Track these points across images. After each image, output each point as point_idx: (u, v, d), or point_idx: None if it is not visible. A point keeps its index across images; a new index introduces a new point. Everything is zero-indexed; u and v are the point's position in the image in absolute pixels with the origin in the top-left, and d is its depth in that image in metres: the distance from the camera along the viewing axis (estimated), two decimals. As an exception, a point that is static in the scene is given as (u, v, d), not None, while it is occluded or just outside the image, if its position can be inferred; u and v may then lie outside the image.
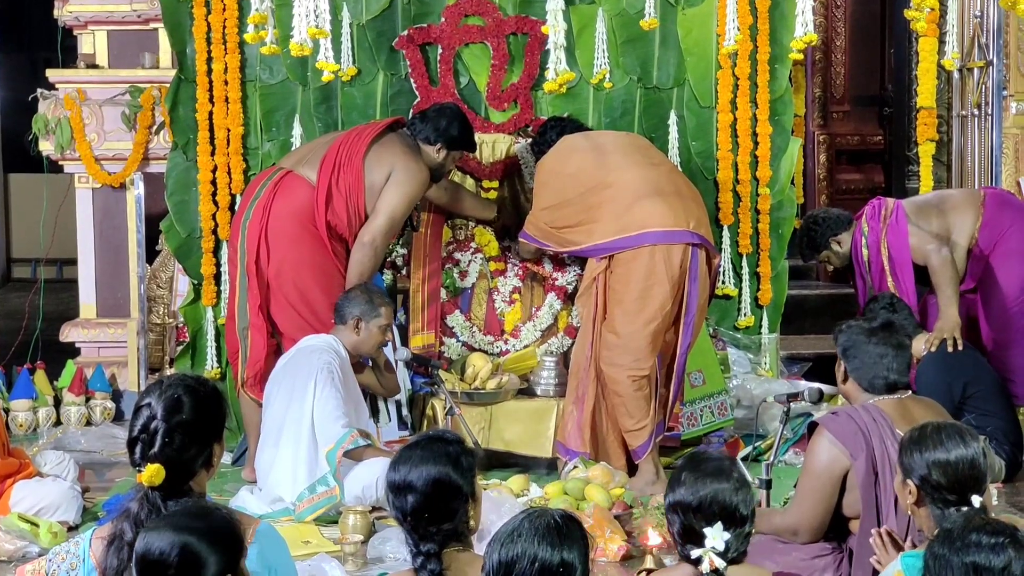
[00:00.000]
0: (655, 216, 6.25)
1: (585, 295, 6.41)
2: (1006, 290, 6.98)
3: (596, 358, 6.32)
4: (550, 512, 2.98)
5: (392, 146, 6.61)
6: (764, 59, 7.35)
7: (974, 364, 6.52)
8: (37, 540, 5.46)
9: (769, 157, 7.41)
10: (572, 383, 6.45)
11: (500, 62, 7.31)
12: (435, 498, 3.34)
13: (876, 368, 4.53)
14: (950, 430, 3.63)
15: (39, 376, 7.84)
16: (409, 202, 6.59)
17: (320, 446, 5.93)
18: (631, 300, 6.22)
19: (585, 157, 6.49)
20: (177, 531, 2.94)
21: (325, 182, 6.51)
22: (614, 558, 5.35)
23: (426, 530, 3.31)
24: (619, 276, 6.27)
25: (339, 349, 6.16)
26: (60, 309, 9.41)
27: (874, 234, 6.97)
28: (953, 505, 3.52)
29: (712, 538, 3.19)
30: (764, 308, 7.54)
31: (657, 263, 6.20)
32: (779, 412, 5.38)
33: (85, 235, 8.17)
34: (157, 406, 3.41)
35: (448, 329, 6.94)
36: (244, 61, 7.30)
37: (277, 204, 6.52)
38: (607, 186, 6.35)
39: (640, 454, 6.31)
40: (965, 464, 3.55)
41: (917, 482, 3.59)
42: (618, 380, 6.26)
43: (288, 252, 6.51)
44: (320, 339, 6.21)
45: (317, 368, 5.97)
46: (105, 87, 8.04)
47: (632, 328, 6.22)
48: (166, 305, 8.21)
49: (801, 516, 4.44)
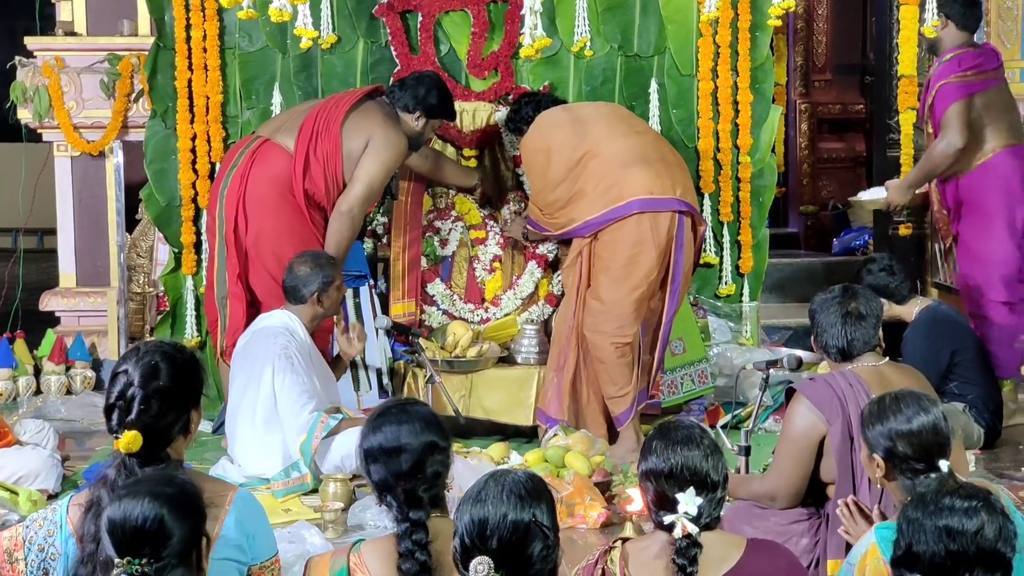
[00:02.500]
0: (642, 184, 6.24)
1: (571, 266, 6.41)
2: (984, 259, 7.02)
3: (579, 326, 6.33)
4: (512, 471, 3.00)
5: (370, 114, 6.59)
6: (745, 27, 7.34)
7: (961, 332, 6.55)
8: (16, 508, 5.46)
9: (750, 125, 7.41)
10: (554, 350, 6.47)
11: (480, 30, 7.28)
12: (426, 459, 3.34)
13: (827, 336, 4.53)
14: (908, 398, 3.62)
15: (19, 345, 7.82)
16: (387, 171, 6.57)
17: (292, 435, 5.89)
18: (617, 267, 6.23)
19: (567, 131, 6.46)
20: (144, 498, 2.93)
21: (303, 150, 6.49)
22: (594, 525, 5.37)
23: (417, 495, 3.30)
24: (605, 243, 6.28)
25: (296, 328, 6.08)
26: (40, 279, 9.40)
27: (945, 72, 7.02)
28: (922, 473, 3.52)
29: (685, 503, 3.20)
30: (745, 276, 7.54)
31: (644, 231, 6.21)
32: (759, 380, 5.39)
33: (64, 204, 8.15)
34: (134, 373, 3.40)
35: (428, 297, 6.94)
36: (223, 28, 7.26)
37: (255, 172, 6.50)
38: (593, 156, 6.34)
39: (622, 421, 6.33)
40: (928, 431, 3.54)
41: (883, 455, 3.58)
42: (601, 347, 6.28)
43: (266, 221, 6.50)
44: (276, 318, 6.12)
45: (274, 356, 5.93)
46: (84, 55, 7.99)
47: (617, 295, 6.23)
48: (146, 274, 8.20)
49: (779, 482, 4.45)
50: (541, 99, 6.86)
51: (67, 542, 3.34)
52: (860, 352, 4.49)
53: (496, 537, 2.88)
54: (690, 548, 3.18)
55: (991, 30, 8.38)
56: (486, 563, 2.85)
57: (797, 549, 4.27)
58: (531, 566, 2.90)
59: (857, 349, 4.50)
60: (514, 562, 2.88)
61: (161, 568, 2.90)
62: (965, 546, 2.92)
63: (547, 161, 6.43)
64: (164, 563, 2.91)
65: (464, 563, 2.89)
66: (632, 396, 6.33)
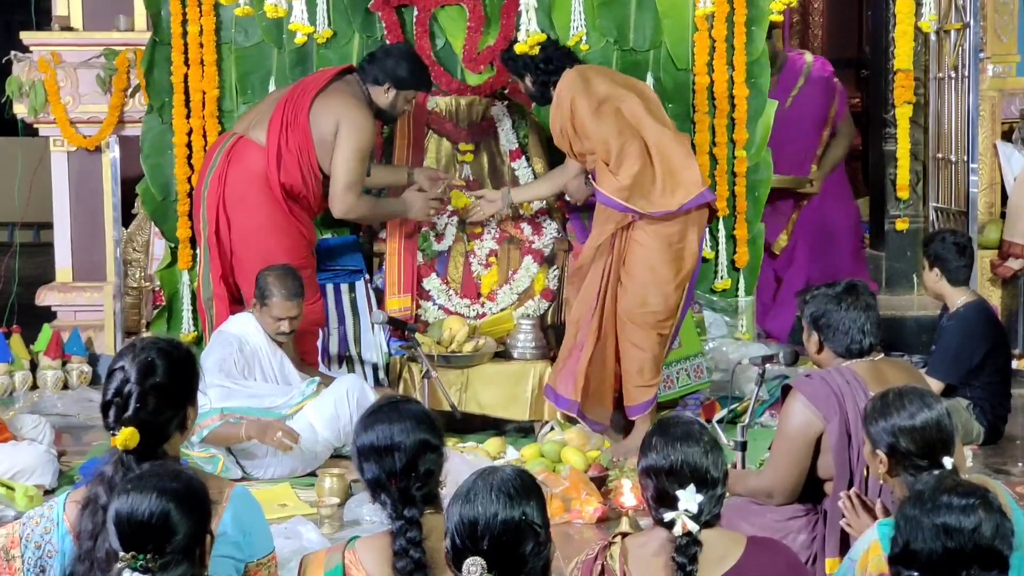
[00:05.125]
0: (699, 174, 6.26)
1: (601, 248, 6.29)
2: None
3: (602, 309, 6.30)
4: (502, 468, 3.01)
5: (337, 96, 6.52)
6: (740, 21, 7.33)
7: (999, 335, 6.54)
8: (13, 504, 5.47)
9: (745, 120, 7.41)
10: (571, 331, 6.40)
11: (476, 24, 7.28)
12: (418, 457, 3.34)
13: (851, 334, 4.45)
14: (911, 394, 3.62)
15: (15, 340, 7.82)
16: (361, 155, 6.49)
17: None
18: (672, 257, 6.22)
19: (617, 89, 6.35)
20: (152, 493, 2.94)
21: (275, 144, 6.45)
22: (590, 520, 5.38)
23: (410, 493, 3.31)
24: (661, 232, 6.21)
25: (250, 332, 6.19)
26: (37, 273, 9.38)
27: None
28: (925, 470, 3.52)
29: (685, 500, 3.20)
30: (740, 271, 7.55)
31: (690, 224, 6.24)
32: (755, 375, 5.39)
33: (61, 199, 8.14)
34: (130, 369, 3.39)
35: (424, 292, 6.94)
36: (219, 23, 7.25)
37: (232, 172, 6.48)
38: (650, 134, 6.25)
39: (641, 410, 6.31)
40: (931, 426, 3.55)
41: (886, 451, 3.59)
42: (646, 335, 6.27)
43: (248, 219, 6.48)
44: (235, 322, 6.27)
45: (208, 371, 5.88)
46: (80, 50, 7.97)
47: (670, 286, 6.25)
48: (142, 269, 8.18)
49: (776, 478, 4.44)
50: (547, 46, 6.48)
51: (64, 539, 3.33)
52: (869, 348, 4.45)
53: (487, 537, 2.87)
54: (690, 546, 3.18)
55: (987, 24, 8.38)
56: (479, 564, 2.84)
57: (794, 545, 4.27)
58: (524, 564, 2.90)
59: (866, 345, 4.44)
60: (507, 561, 2.88)
61: (165, 564, 2.90)
62: (962, 544, 2.92)
63: (615, 108, 6.26)
64: (168, 559, 2.91)
65: (456, 563, 2.89)
66: (657, 387, 6.34)
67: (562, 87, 6.35)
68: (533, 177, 7.10)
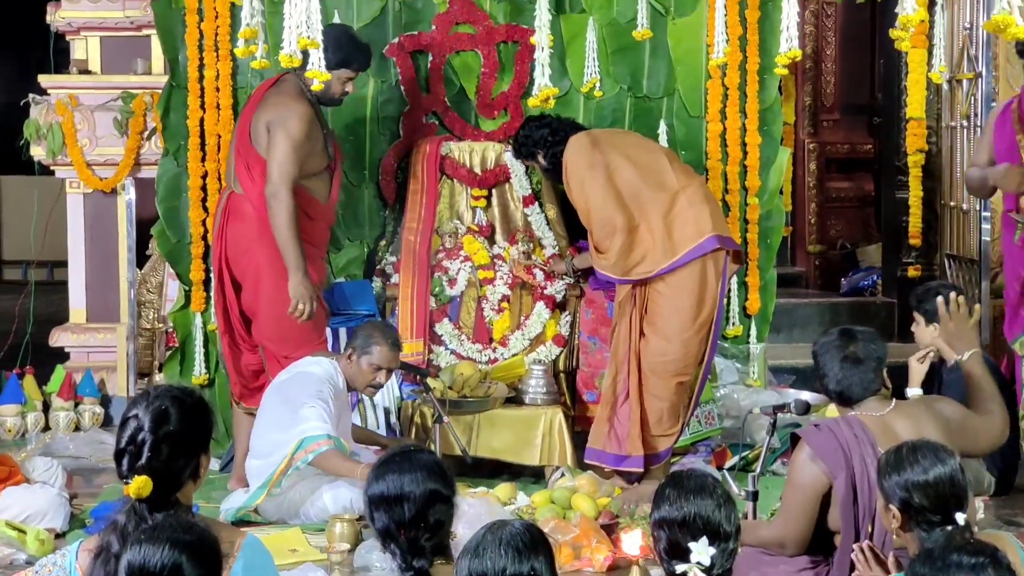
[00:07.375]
0: (709, 221, 6.25)
1: (623, 302, 6.31)
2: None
3: (638, 361, 6.29)
4: (511, 522, 3.02)
5: (264, 106, 6.42)
6: (753, 69, 7.38)
7: (1003, 385, 6.50)
8: (24, 547, 5.45)
9: (758, 167, 7.44)
10: (609, 388, 6.37)
11: (490, 70, 7.33)
12: (428, 508, 3.35)
13: (827, 380, 4.47)
14: (925, 449, 3.62)
15: (28, 381, 7.84)
16: (292, 140, 6.28)
17: (293, 431, 5.82)
18: (691, 305, 6.22)
19: (615, 155, 6.41)
20: (165, 544, 2.96)
21: (249, 186, 6.42)
22: (601, 569, 5.36)
23: (419, 544, 3.31)
24: (676, 283, 6.23)
25: (336, 378, 6.08)
26: (50, 311, 9.42)
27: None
28: (938, 526, 3.52)
29: (698, 553, 3.21)
30: (752, 317, 7.55)
31: (708, 271, 6.24)
32: (766, 423, 5.38)
33: (76, 240, 8.18)
34: (144, 417, 3.40)
35: (437, 337, 6.96)
36: (235, 68, 7.30)
37: (231, 231, 6.46)
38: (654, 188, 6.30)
39: (660, 459, 6.32)
40: (944, 482, 3.55)
41: (899, 506, 3.59)
42: (665, 386, 6.27)
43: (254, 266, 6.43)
44: (320, 365, 6.09)
45: (307, 397, 5.88)
46: (97, 93, 8.04)
47: (688, 334, 6.24)
48: (156, 310, 8.22)
49: (786, 529, 4.43)
50: (551, 121, 6.79)
51: (76, 587, 3.35)
52: (860, 397, 4.44)
53: None
54: (702, 598, 3.19)
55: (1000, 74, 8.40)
56: None
57: (805, 598, 4.27)
58: None
59: (856, 394, 4.44)
60: None
61: None
62: (972, 603, 2.92)
63: (608, 176, 6.32)
64: None
65: (465, 616, 2.90)
66: (677, 435, 6.34)
67: (565, 155, 6.48)
68: (546, 223, 7.16)
